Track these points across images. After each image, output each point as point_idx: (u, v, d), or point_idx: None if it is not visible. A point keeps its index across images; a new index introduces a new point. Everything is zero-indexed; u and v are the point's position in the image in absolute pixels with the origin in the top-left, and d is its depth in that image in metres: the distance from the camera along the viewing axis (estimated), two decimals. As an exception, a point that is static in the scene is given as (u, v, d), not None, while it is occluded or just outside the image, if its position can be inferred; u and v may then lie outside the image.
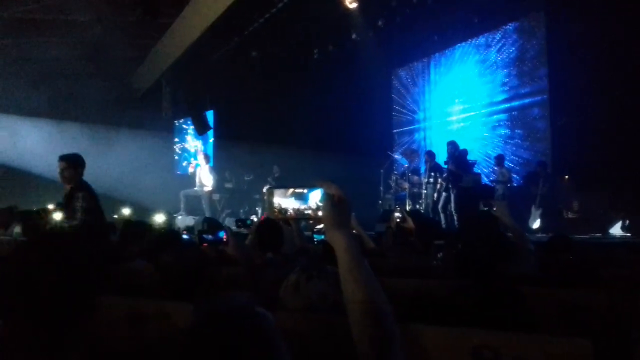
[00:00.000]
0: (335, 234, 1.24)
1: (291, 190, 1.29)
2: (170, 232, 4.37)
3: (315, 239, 4.30)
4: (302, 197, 1.29)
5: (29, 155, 15.15)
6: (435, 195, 10.64)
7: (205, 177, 11.93)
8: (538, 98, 11.27)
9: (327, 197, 1.25)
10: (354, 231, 2.64)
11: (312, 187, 1.29)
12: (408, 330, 1.62)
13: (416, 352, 1.60)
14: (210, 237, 3.22)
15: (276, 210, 1.29)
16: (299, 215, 1.31)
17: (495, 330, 1.51)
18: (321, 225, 1.32)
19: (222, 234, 3.16)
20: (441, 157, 10.90)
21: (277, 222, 3.72)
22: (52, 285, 1.09)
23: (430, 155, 11.21)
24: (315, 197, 1.28)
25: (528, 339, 1.46)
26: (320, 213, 1.26)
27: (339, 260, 1.23)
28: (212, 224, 5.04)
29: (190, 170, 12.40)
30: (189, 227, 9.56)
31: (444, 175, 10.23)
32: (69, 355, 1.10)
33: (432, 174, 10.90)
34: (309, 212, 1.28)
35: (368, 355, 1.06)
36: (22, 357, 1.08)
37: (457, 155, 9.98)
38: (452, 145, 10.10)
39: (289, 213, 1.29)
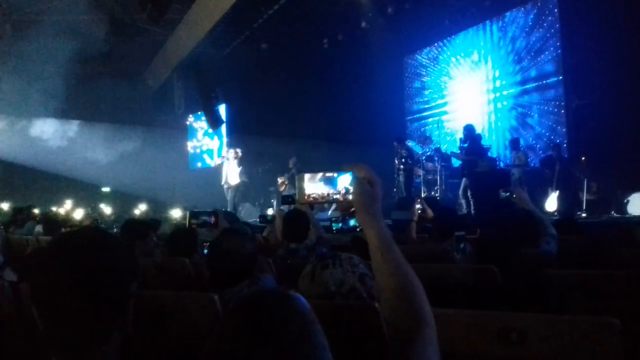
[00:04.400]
0: (366, 217, 1.23)
1: (320, 174, 1.27)
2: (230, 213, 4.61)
3: (333, 228, 4.30)
4: (330, 182, 1.27)
5: (43, 155, 15.34)
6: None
7: (232, 173, 11.95)
8: (553, 80, 11.14)
9: (357, 180, 1.24)
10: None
11: (341, 171, 1.27)
12: (435, 314, 1.63)
13: (441, 336, 1.60)
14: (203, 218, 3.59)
15: (305, 195, 1.26)
16: (327, 199, 1.29)
17: (521, 312, 1.50)
18: (352, 209, 1.29)
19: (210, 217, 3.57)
20: (453, 144, 10.87)
21: (304, 213, 3.74)
22: (88, 278, 1.09)
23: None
24: (344, 181, 1.26)
25: (554, 319, 1.45)
26: (350, 197, 1.25)
27: (370, 243, 1.22)
28: (229, 218, 5.06)
29: (217, 162, 12.34)
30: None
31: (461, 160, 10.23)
32: (104, 349, 1.11)
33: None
34: (337, 196, 1.26)
35: (399, 336, 1.05)
36: (58, 348, 1.09)
37: (472, 139, 9.89)
38: (468, 130, 10.02)
39: (316, 197, 1.26)
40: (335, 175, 1.27)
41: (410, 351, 1.02)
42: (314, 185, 1.26)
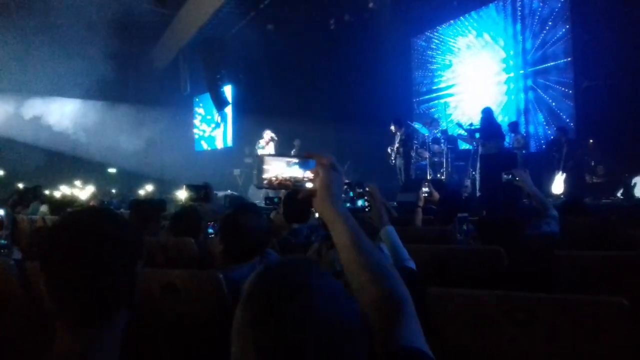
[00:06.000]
0: (332, 208, 1.17)
1: (284, 159, 1.20)
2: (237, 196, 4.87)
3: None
4: (295, 166, 1.21)
5: (48, 135, 15.39)
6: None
7: None
8: (562, 61, 11.02)
9: (325, 168, 1.17)
10: (378, 201, 2.62)
11: (305, 158, 1.20)
12: (438, 294, 1.62)
13: (448, 316, 1.60)
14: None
15: (266, 178, 1.20)
16: (287, 185, 1.22)
17: (528, 291, 1.49)
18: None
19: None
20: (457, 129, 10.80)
21: None
22: (96, 254, 1.09)
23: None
24: (307, 168, 1.20)
25: (562, 300, 1.45)
26: (309, 185, 1.19)
27: (337, 237, 1.16)
28: (234, 200, 5.09)
29: (261, 144, 12.32)
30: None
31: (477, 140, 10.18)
32: (110, 325, 1.11)
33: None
34: (299, 183, 1.20)
35: (384, 321, 1.04)
36: (66, 324, 1.10)
37: (491, 122, 9.80)
38: (486, 112, 9.92)
39: (277, 182, 1.20)
40: (298, 161, 1.20)
41: (397, 329, 1.01)
42: (278, 169, 1.20)
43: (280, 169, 1.20)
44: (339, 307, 0.85)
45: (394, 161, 10.92)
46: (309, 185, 1.19)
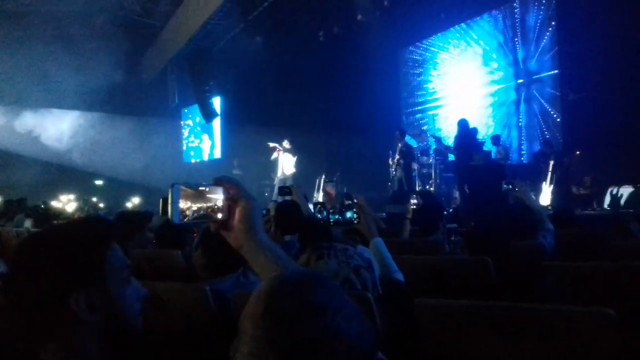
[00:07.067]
0: (249, 241, 1.08)
1: (189, 189, 1.08)
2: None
3: (331, 220, 4.26)
4: (201, 197, 1.08)
5: (36, 145, 15.28)
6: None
7: (287, 164, 12.02)
8: (548, 74, 11.14)
9: (239, 201, 1.08)
10: (367, 214, 2.61)
11: (215, 185, 1.09)
12: (426, 305, 1.61)
13: (436, 326, 1.59)
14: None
15: (182, 212, 1.07)
16: (200, 217, 1.09)
17: (516, 302, 1.49)
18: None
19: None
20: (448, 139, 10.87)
21: (297, 204, 3.69)
22: (24, 278, 1.08)
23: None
24: (217, 195, 1.09)
25: (549, 310, 1.44)
26: (220, 215, 1.09)
27: (254, 265, 1.10)
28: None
29: (275, 156, 12.32)
30: None
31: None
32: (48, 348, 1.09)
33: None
34: (212, 213, 1.09)
35: None
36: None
37: (466, 134, 9.89)
38: (461, 125, 10.02)
39: (187, 216, 1.07)
40: (208, 189, 1.09)
41: None
42: (187, 201, 1.07)
43: (188, 198, 1.08)
44: (359, 327, 0.81)
45: (394, 172, 10.93)
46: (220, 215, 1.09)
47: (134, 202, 11.06)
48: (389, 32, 13.22)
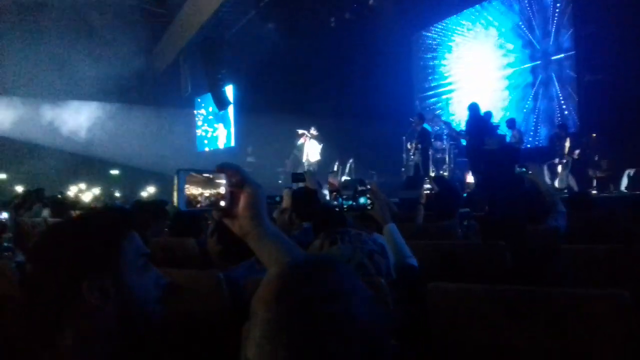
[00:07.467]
0: (254, 228, 1.07)
1: (200, 175, 1.06)
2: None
3: (344, 206, 4.25)
4: (210, 184, 1.06)
5: (52, 135, 15.43)
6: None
7: (313, 151, 12.11)
8: (564, 55, 10.98)
9: (231, 184, 1.06)
10: (380, 199, 2.60)
11: (218, 172, 1.07)
12: (439, 289, 1.61)
13: (452, 310, 1.59)
14: None
15: (188, 198, 1.04)
16: (208, 205, 1.08)
17: (531, 285, 1.48)
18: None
19: None
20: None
21: (314, 191, 3.68)
22: (40, 268, 1.11)
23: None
24: (221, 182, 1.07)
25: (564, 293, 1.43)
26: (222, 203, 1.06)
27: (259, 253, 1.08)
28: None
29: (302, 141, 12.37)
30: None
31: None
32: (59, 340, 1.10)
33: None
34: (216, 201, 1.07)
35: None
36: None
37: (480, 117, 9.79)
38: (472, 109, 9.90)
39: (200, 202, 1.05)
40: (212, 177, 1.06)
41: None
42: (194, 188, 1.05)
43: (198, 184, 1.06)
44: (372, 312, 0.80)
45: (412, 157, 10.86)
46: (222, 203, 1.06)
47: (149, 191, 11.13)
48: (401, 17, 13.10)
